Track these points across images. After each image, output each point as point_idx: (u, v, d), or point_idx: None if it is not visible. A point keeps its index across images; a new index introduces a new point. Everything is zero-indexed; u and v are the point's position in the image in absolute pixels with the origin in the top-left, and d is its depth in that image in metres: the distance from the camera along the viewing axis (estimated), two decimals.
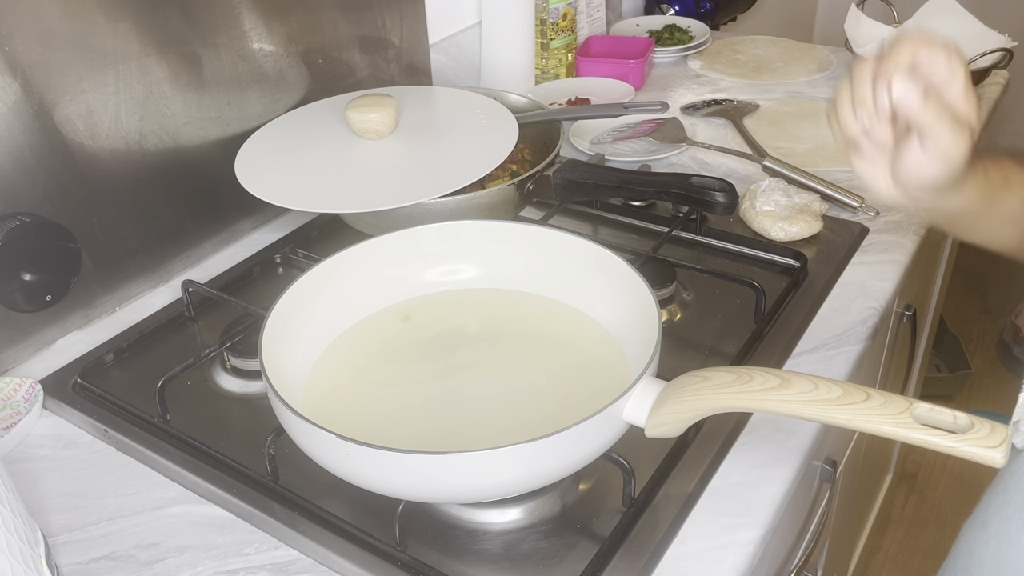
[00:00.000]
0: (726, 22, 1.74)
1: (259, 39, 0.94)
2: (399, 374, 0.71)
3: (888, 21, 1.33)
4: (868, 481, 1.46)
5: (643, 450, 0.64)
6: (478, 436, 0.64)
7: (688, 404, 0.57)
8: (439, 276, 0.78)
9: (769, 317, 0.81)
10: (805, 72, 1.38)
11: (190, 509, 0.66)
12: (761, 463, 0.66)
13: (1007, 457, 0.47)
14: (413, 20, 1.13)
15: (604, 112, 1.05)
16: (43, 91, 0.77)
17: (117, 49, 0.81)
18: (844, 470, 1.03)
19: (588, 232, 0.97)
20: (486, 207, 0.86)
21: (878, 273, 0.88)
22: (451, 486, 0.56)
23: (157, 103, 0.86)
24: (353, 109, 0.90)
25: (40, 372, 0.79)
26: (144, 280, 0.90)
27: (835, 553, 1.24)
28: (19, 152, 0.76)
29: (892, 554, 1.80)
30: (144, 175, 0.87)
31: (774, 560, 0.77)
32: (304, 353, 0.70)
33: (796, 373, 0.55)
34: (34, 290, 0.78)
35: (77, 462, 0.71)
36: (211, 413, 0.74)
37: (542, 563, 0.59)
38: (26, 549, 0.50)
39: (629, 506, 0.62)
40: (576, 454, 0.57)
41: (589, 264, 0.73)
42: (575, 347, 0.73)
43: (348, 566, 0.60)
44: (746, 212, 0.95)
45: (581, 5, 1.37)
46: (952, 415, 0.49)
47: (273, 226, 1.00)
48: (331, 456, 0.57)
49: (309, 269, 0.71)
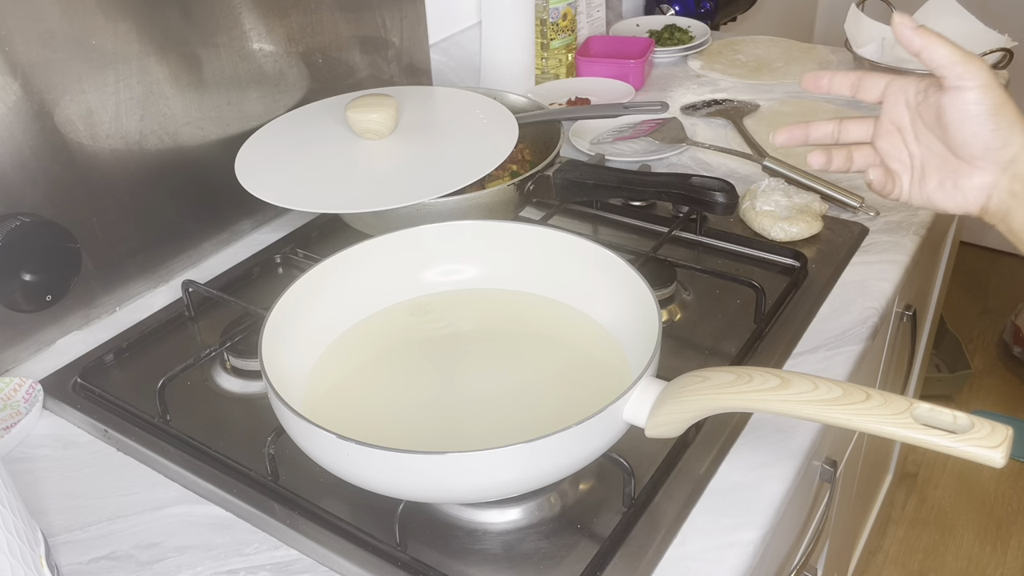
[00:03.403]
0: (726, 22, 1.73)
1: (259, 39, 0.94)
2: (399, 374, 0.71)
3: (888, 21, 1.33)
4: (868, 481, 1.46)
5: (643, 450, 0.64)
6: (478, 436, 0.64)
7: (688, 404, 0.57)
8: (439, 276, 0.78)
9: (769, 317, 0.81)
10: (805, 72, 1.37)
11: (190, 509, 0.66)
12: (761, 463, 0.66)
13: (1007, 457, 0.47)
14: (413, 20, 1.13)
15: (604, 112, 1.05)
16: (43, 91, 0.77)
17: (117, 49, 0.81)
18: (844, 470, 1.03)
19: (588, 232, 0.97)
20: (486, 207, 0.86)
21: (878, 273, 0.88)
22: (451, 486, 0.56)
23: (157, 103, 0.86)
24: (353, 109, 0.90)
25: (40, 372, 0.79)
26: (144, 280, 0.90)
27: (835, 553, 1.24)
28: (19, 152, 0.76)
29: (892, 554, 1.80)
30: (144, 175, 0.87)
31: (774, 560, 0.77)
32: (304, 353, 0.70)
33: (796, 373, 0.55)
34: (34, 290, 0.78)
35: (77, 462, 0.71)
36: (211, 413, 0.74)
37: (542, 563, 0.59)
38: (26, 549, 0.50)
39: (629, 506, 0.62)
40: (576, 454, 0.57)
41: (589, 264, 0.73)
42: (575, 347, 0.73)
43: (348, 566, 0.60)
44: (746, 212, 0.95)
45: (581, 5, 1.37)
46: (952, 415, 0.49)
47: (273, 226, 1.00)
48: (331, 456, 0.57)
49: (309, 269, 0.71)
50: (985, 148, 0.55)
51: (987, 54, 1.17)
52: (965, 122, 0.55)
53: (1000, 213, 0.57)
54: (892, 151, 0.62)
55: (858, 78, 0.62)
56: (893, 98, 0.61)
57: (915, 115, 0.59)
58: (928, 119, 0.58)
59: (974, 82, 0.54)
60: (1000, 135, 0.55)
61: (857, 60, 1.29)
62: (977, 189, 0.57)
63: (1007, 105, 0.55)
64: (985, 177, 0.56)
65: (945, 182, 0.58)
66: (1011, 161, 0.55)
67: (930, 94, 0.58)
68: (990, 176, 0.56)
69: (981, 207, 0.57)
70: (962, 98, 0.54)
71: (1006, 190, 0.55)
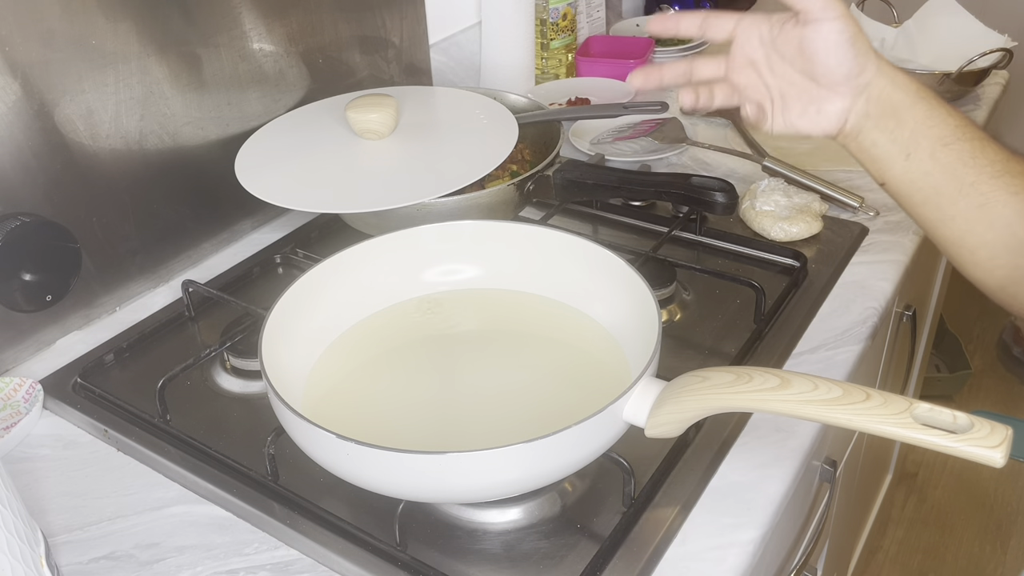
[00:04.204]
0: None
1: (259, 39, 0.94)
2: (399, 374, 0.72)
3: (888, 21, 1.33)
4: (868, 481, 1.46)
5: (643, 450, 0.64)
6: (478, 436, 0.64)
7: (688, 404, 0.57)
8: (439, 276, 0.78)
9: (769, 317, 0.81)
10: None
11: (190, 509, 0.66)
12: (761, 463, 0.66)
13: (1007, 457, 0.47)
14: (413, 20, 1.13)
15: (604, 112, 1.05)
16: (43, 91, 0.77)
17: (117, 49, 0.81)
18: (844, 470, 1.03)
19: (588, 232, 0.97)
20: (486, 207, 0.86)
21: (878, 273, 0.88)
22: (451, 486, 0.56)
23: (157, 103, 0.86)
24: (353, 109, 0.90)
25: (40, 372, 0.79)
26: (144, 280, 0.90)
27: (835, 553, 1.24)
28: (19, 152, 0.76)
29: (892, 554, 1.80)
30: (144, 175, 0.87)
31: (774, 560, 0.77)
32: (304, 353, 0.70)
33: (796, 373, 0.55)
34: (34, 290, 0.78)
35: (77, 462, 0.71)
36: (211, 413, 0.74)
37: (542, 563, 0.59)
38: (26, 549, 0.50)
39: (629, 506, 0.62)
40: (576, 454, 0.57)
41: (589, 264, 0.73)
42: (575, 347, 0.73)
43: (348, 566, 0.60)
44: (746, 212, 0.95)
45: (581, 5, 1.37)
46: (952, 415, 0.49)
47: (273, 226, 1.00)
48: (331, 456, 0.57)
49: (309, 269, 0.71)
50: (847, 75, 0.60)
51: (987, 54, 1.17)
52: (829, 51, 0.59)
53: (854, 133, 0.62)
54: (749, 85, 0.65)
55: (703, 17, 0.64)
56: (745, 35, 0.64)
57: (770, 50, 0.63)
58: (788, 52, 0.62)
59: (834, 13, 0.58)
60: (859, 62, 0.59)
61: None
62: (837, 113, 0.61)
63: (862, 33, 0.59)
64: (844, 102, 0.60)
65: (808, 109, 0.62)
66: (867, 85, 0.60)
67: (787, 28, 0.61)
68: (848, 100, 0.60)
69: (839, 129, 0.62)
70: (825, 28, 0.58)
71: (861, 112, 0.60)
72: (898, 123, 0.60)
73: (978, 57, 1.17)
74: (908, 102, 0.59)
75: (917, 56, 1.28)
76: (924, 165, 0.60)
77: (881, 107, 0.60)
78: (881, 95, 0.60)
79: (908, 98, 0.59)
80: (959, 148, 0.59)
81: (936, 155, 0.59)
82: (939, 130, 0.59)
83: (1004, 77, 1.31)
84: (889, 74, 0.60)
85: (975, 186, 0.59)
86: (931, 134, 0.59)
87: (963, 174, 0.59)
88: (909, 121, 0.60)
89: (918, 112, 0.59)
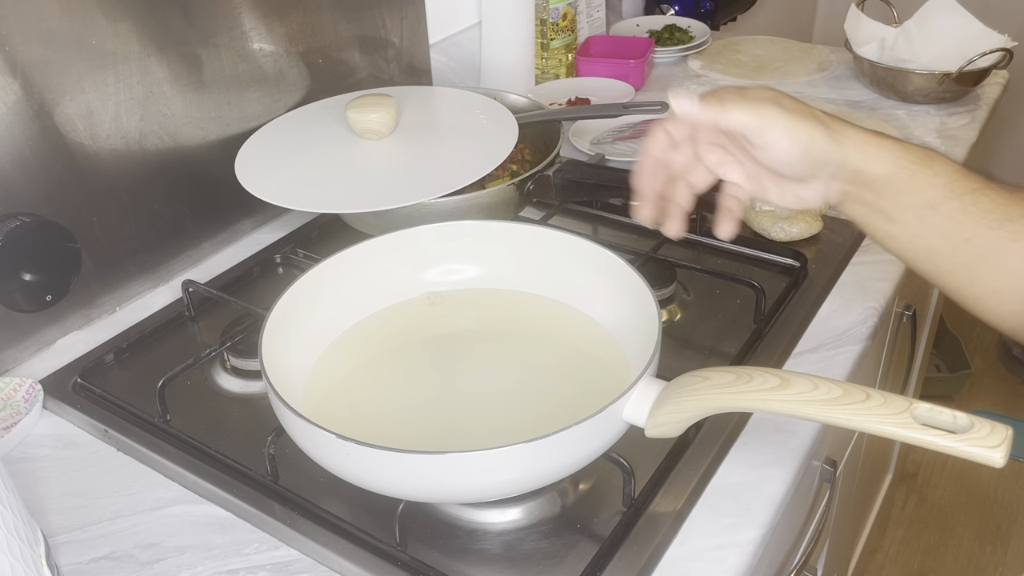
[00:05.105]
0: (726, 22, 1.73)
1: (259, 39, 0.94)
2: (399, 374, 0.71)
3: (888, 21, 1.33)
4: (868, 481, 1.46)
5: (643, 450, 0.64)
6: (478, 436, 0.64)
7: (688, 404, 0.57)
8: (439, 276, 0.78)
9: (769, 317, 0.81)
10: (805, 72, 1.38)
11: (190, 509, 0.66)
12: (761, 463, 0.66)
13: (1007, 457, 0.47)
14: (413, 20, 1.13)
15: (604, 112, 1.05)
16: (43, 91, 0.77)
17: (117, 49, 0.81)
18: (844, 470, 1.03)
19: (588, 232, 0.97)
20: (486, 207, 0.86)
21: (878, 273, 0.88)
22: (451, 486, 0.56)
23: (157, 103, 0.86)
24: (353, 109, 0.90)
25: (40, 372, 0.79)
26: (144, 280, 0.90)
27: (835, 553, 1.24)
28: (19, 152, 0.76)
29: (892, 554, 1.80)
30: (144, 175, 0.87)
31: (774, 560, 0.77)
32: (304, 353, 0.70)
33: (796, 373, 0.55)
34: (34, 290, 0.78)
35: (77, 462, 0.71)
36: (211, 413, 0.74)
37: (542, 563, 0.59)
38: (26, 549, 0.50)
39: (629, 506, 0.62)
40: (576, 454, 0.57)
41: (589, 264, 0.73)
42: (575, 347, 0.73)
43: (348, 566, 0.60)
44: (746, 212, 0.95)
45: (581, 5, 1.37)
46: (952, 415, 0.49)
47: (273, 226, 1.00)
48: (331, 456, 0.57)
49: (309, 269, 0.71)
50: (811, 175, 0.59)
51: (987, 54, 1.17)
52: (784, 167, 0.58)
53: (838, 206, 0.61)
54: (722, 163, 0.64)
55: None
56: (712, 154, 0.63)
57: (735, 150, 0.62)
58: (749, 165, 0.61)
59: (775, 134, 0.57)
60: (819, 163, 0.58)
61: (857, 60, 1.29)
62: (813, 195, 0.60)
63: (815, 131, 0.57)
64: (819, 186, 0.60)
65: (785, 193, 0.61)
66: (837, 170, 0.58)
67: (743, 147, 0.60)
68: (822, 185, 0.59)
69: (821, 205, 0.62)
70: (774, 151, 0.57)
71: (838, 191, 0.60)
72: (878, 195, 0.58)
73: (978, 57, 1.17)
74: (886, 174, 0.57)
75: (917, 56, 1.29)
76: (911, 229, 0.58)
77: (857, 185, 0.58)
78: (855, 176, 0.58)
79: (885, 170, 0.57)
80: (948, 207, 0.56)
81: (924, 218, 0.57)
82: (923, 195, 0.57)
83: (1004, 77, 1.31)
84: (860, 151, 0.58)
85: (971, 241, 0.57)
86: (914, 201, 0.57)
87: (956, 232, 0.57)
88: (888, 193, 0.58)
89: (899, 182, 0.57)
